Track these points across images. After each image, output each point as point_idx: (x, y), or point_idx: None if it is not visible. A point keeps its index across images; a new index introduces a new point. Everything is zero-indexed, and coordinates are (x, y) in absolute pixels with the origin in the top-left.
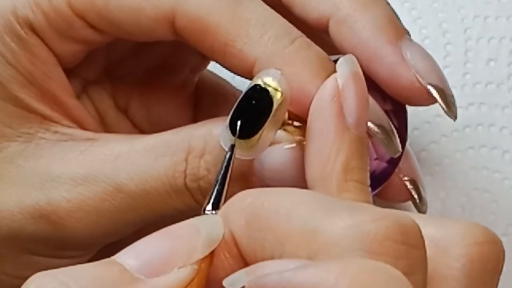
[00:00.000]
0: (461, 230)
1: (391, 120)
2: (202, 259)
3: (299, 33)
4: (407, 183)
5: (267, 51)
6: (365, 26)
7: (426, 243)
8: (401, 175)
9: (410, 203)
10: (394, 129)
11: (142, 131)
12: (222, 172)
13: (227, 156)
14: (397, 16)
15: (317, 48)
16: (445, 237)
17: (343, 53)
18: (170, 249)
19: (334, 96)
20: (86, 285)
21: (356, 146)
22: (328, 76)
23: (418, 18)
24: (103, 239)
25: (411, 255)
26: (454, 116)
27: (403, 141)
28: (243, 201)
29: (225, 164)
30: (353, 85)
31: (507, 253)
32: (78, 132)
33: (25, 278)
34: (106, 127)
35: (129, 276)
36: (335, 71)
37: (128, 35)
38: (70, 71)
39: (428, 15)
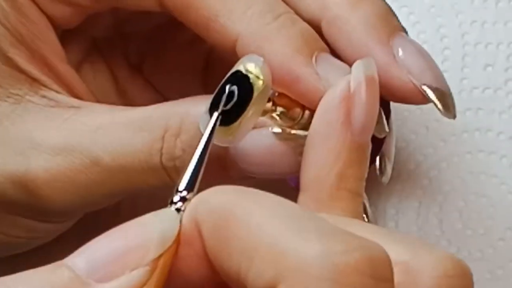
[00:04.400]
0: (433, 260)
1: None
2: (161, 256)
3: (286, 9)
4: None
5: (249, 28)
6: (355, 26)
7: (397, 267)
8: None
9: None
10: (381, 109)
11: (155, 88)
12: (199, 151)
13: (206, 134)
14: (391, 11)
15: (303, 24)
16: (416, 265)
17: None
18: (121, 250)
19: (344, 99)
20: None
21: (356, 154)
22: (311, 53)
23: (416, 23)
24: (81, 209)
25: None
26: (452, 116)
27: (388, 119)
28: (214, 199)
29: (202, 143)
30: (365, 92)
31: (505, 258)
32: (65, 98)
33: (14, 237)
34: (118, 85)
35: (79, 282)
36: (319, 47)
37: (119, 3)
38: (76, 29)
39: (426, 20)
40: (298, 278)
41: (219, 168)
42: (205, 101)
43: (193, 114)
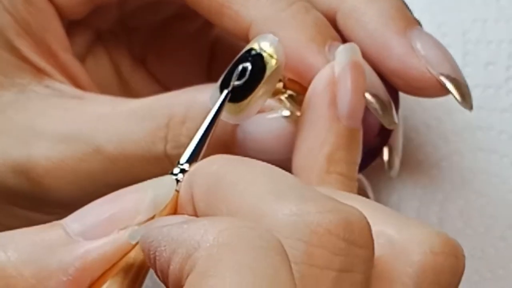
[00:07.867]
0: (420, 236)
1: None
2: (152, 219)
3: None
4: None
5: (263, 14)
6: (372, 18)
7: (383, 242)
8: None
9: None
10: (390, 99)
11: (158, 81)
12: (205, 125)
13: (213, 110)
14: (406, 6)
15: (316, 13)
16: (402, 240)
17: None
18: (112, 211)
19: (328, 84)
20: (23, 249)
21: (345, 138)
22: (324, 41)
23: None
24: (83, 200)
25: (351, 252)
26: (469, 107)
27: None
28: (210, 166)
29: (209, 117)
30: (349, 76)
31: (506, 257)
32: (68, 89)
33: (11, 228)
34: (121, 78)
35: (67, 239)
36: (332, 36)
37: None
38: (81, 21)
39: (427, 17)
40: None
41: (225, 153)
42: (210, 89)
43: (198, 101)
